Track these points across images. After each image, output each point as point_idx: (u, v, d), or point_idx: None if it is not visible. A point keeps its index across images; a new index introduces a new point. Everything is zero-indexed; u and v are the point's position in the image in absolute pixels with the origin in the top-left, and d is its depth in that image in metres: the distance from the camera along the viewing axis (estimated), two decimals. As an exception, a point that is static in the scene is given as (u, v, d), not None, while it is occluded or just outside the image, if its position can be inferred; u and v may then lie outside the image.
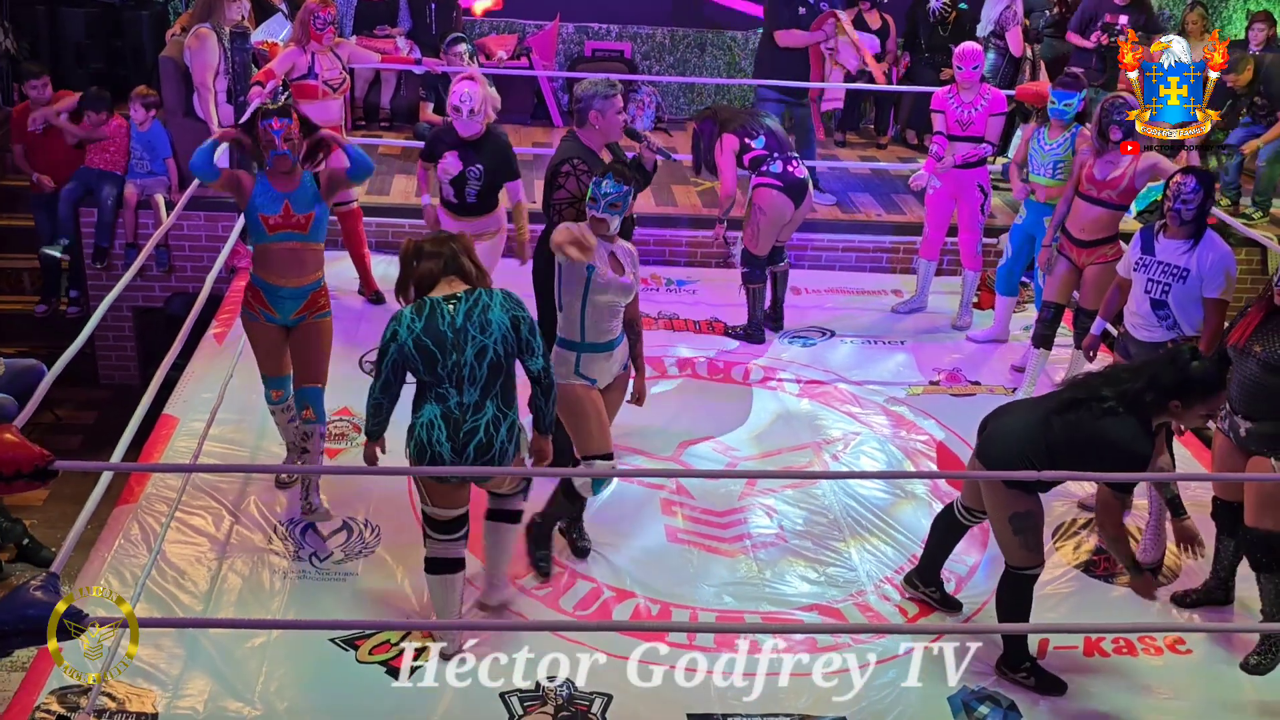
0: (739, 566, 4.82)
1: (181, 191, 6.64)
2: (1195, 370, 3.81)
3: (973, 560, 4.91)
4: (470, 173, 5.71)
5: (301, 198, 4.64)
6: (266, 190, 4.61)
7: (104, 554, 4.56)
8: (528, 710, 3.99)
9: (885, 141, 9.64)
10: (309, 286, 4.74)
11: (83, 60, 9.01)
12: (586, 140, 4.93)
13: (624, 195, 4.33)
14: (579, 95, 4.94)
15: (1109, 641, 4.48)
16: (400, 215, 7.70)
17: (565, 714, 3.99)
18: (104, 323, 6.09)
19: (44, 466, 2.83)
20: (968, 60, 6.61)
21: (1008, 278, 6.67)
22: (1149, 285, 4.88)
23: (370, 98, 9.26)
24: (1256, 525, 4.27)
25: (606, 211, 4.32)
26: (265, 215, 4.60)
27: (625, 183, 4.33)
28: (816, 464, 5.55)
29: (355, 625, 4.29)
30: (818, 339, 6.85)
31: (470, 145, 5.71)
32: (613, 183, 4.31)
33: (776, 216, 6.45)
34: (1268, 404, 4.23)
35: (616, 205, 4.31)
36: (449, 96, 5.65)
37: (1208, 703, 4.26)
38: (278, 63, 6.59)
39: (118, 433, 4.20)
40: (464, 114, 5.58)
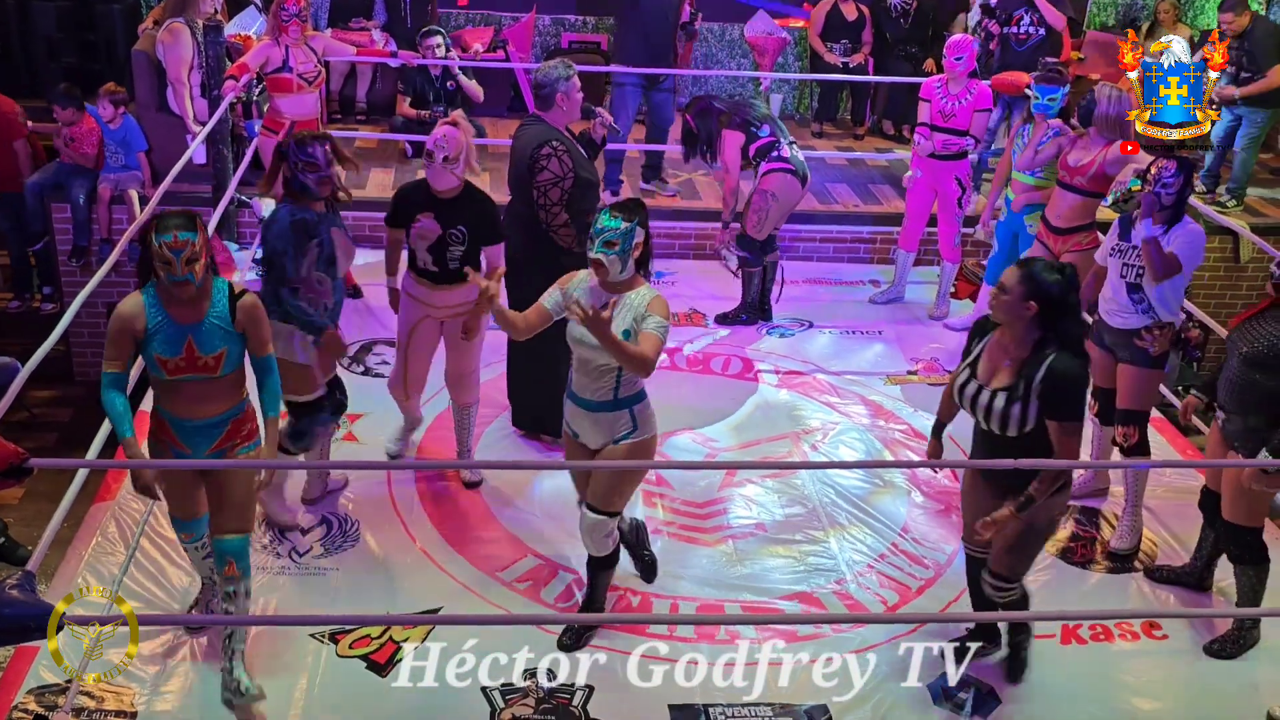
0: (719, 557, 4.83)
1: (155, 186, 6.59)
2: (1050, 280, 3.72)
3: (951, 548, 4.93)
4: (453, 235, 4.79)
5: (209, 334, 3.68)
6: (163, 324, 3.68)
7: (81, 552, 4.53)
8: (509, 703, 4.00)
9: (862, 132, 9.66)
10: (227, 414, 3.83)
11: (54, 54, 8.95)
12: (553, 122, 5.00)
13: (622, 234, 3.87)
14: (542, 80, 4.98)
15: (1085, 629, 4.51)
16: (377, 209, 7.63)
17: (546, 706, 4.00)
18: (79, 319, 6.04)
19: (19, 464, 2.83)
20: (953, 51, 6.60)
21: (995, 270, 6.67)
22: (1124, 270, 4.85)
23: (346, 91, 9.22)
24: (1231, 519, 4.33)
25: (601, 251, 3.87)
26: (162, 357, 3.68)
27: (628, 219, 3.89)
28: (795, 454, 5.57)
29: (335, 620, 4.29)
30: (796, 330, 6.86)
31: (447, 204, 4.78)
32: (608, 218, 3.88)
33: (787, 200, 6.48)
34: (1239, 399, 4.27)
35: (612, 244, 3.85)
36: (426, 143, 4.81)
37: (1183, 687, 4.30)
38: (251, 56, 6.56)
39: (93, 430, 4.18)
40: (437, 160, 4.71)
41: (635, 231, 3.88)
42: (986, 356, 3.89)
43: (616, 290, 3.94)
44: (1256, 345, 4.18)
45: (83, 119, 7.42)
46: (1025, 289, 3.71)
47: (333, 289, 4.52)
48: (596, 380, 3.98)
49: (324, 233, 4.44)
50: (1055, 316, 3.72)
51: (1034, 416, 3.76)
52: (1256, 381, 4.19)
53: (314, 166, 4.37)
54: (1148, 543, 4.99)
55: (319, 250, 4.44)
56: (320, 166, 4.38)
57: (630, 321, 3.89)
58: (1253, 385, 4.20)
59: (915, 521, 5.12)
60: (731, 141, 6.42)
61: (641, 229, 3.91)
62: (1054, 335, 3.74)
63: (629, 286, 3.95)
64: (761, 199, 6.43)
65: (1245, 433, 4.28)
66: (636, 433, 4.06)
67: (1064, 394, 3.73)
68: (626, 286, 3.95)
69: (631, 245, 3.88)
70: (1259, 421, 4.22)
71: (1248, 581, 4.37)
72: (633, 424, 4.04)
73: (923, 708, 4.10)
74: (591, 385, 3.99)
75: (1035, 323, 3.74)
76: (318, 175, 4.39)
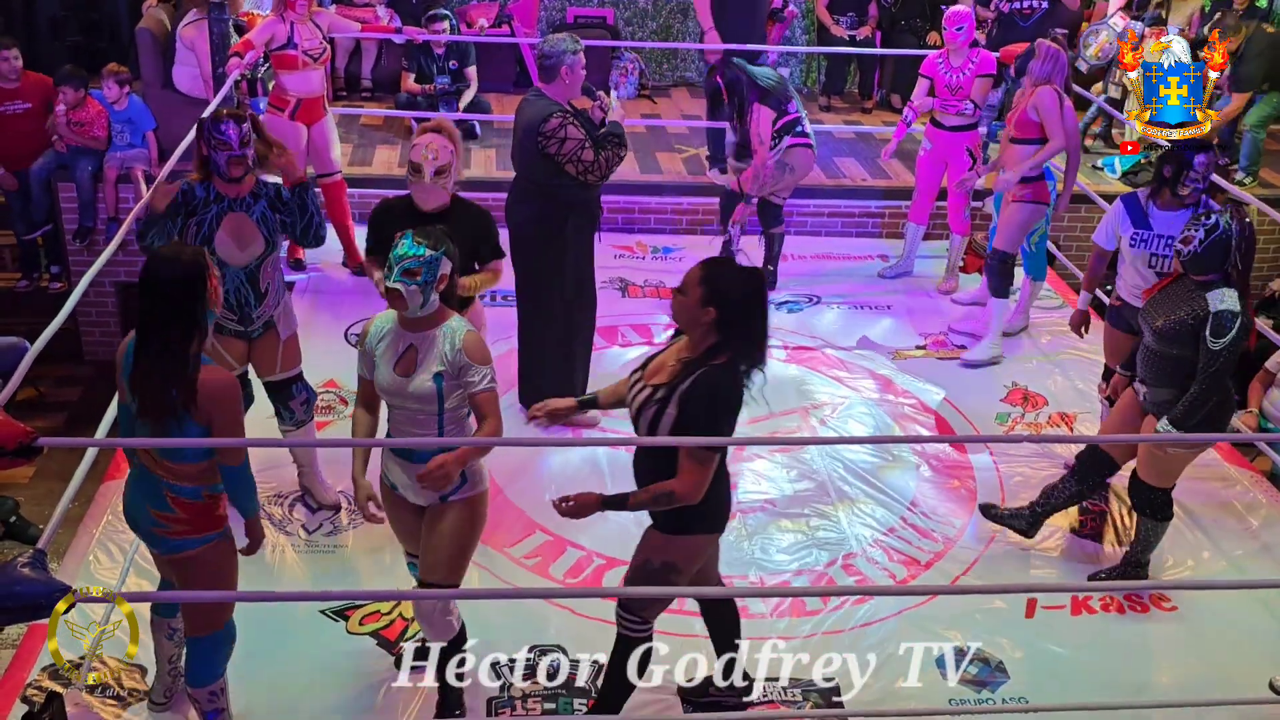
0: (728, 531, 4.82)
1: (162, 165, 6.58)
2: None
3: (960, 522, 4.93)
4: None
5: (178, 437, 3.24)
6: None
7: (92, 530, 4.55)
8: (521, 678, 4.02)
9: (870, 105, 9.60)
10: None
11: (59, 33, 8.92)
12: (555, 96, 4.96)
13: (426, 263, 3.35)
14: (549, 51, 4.93)
15: (1096, 600, 4.52)
16: (383, 186, 7.63)
17: (556, 681, 4.01)
18: (86, 298, 6.07)
19: (27, 444, 2.83)
20: (952, 22, 6.57)
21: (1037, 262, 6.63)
22: (1153, 260, 4.76)
23: (351, 68, 9.18)
24: (1146, 479, 4.47)
25: (400, 280, 3.35)
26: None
27: (432, 246, 3.37)
28: (804, 428, 5.56)
29: (346, 596, 4.30)
30: (804, 304, 6.85)
31: (437, 223, 3.95)
32: (411, 243, 3.38)
33: (801, 173, 6.60)
34: (1155, 371, 4.34)
35: (413, 273, 3.34)
36: (410, 153, 4.31)
37: (1194, 658, 4.31)
38: (256, 33, 6.52)
39: (102, 408, 4.19)
40: (427, 175, 4.24)
41: (441, 261, 3.38)
42: (669, 351, 3.48)
43: (419, 328, 3.45)
44: (1167, 319, 4.23)
45: (86, 102, 7.39)
46: (704, 291, 3.27)
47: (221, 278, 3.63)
48: (417, 428, 3.51)
49: (208, 213, 4.23)
50: (735, 323, 3.27)
51: (668, 427, 3.30)
52: (1168, 354, 4.26)
53: (225, 145, 4.15)
54: (1109, 545, 4.92)
55: (195, 230, 4.23)
56: (232, 145, 4.14)
57: (440, 364, 3.41)
58: (1165, 357, 4.27)
59: (924, 495, 5.12)
60: (764, 118, 6.38)
61: (448, 259, 3.42)
62: (729, 344, 3.28)
63: (433, 322, 3.45)
64: (780, 170, 6.47)
65: (1163, 405, 4.34)
66: (466, 487, 3.56)
67: (701, 412, 3.25)
68: (430, 323, 3.44)
69: (436, 276, 3.38)
70: (1172, 394, 4.29)
71: (1149, 531, 4.53)
72: (461, 477, 3.53)
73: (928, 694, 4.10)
74: (411, 434, 3.53)
75: (713, 328, 3.28)
76: (228, 155, 4.16)
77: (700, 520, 3.48)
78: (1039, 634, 4.32)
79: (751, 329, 3.31)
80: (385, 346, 3.50)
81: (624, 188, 7.63)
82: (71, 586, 2.85)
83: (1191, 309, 4.17)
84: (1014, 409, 5.82)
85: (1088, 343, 5.71)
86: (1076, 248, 8.00)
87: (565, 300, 5.17)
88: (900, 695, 4.05)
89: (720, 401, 3.28)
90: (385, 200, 4.53)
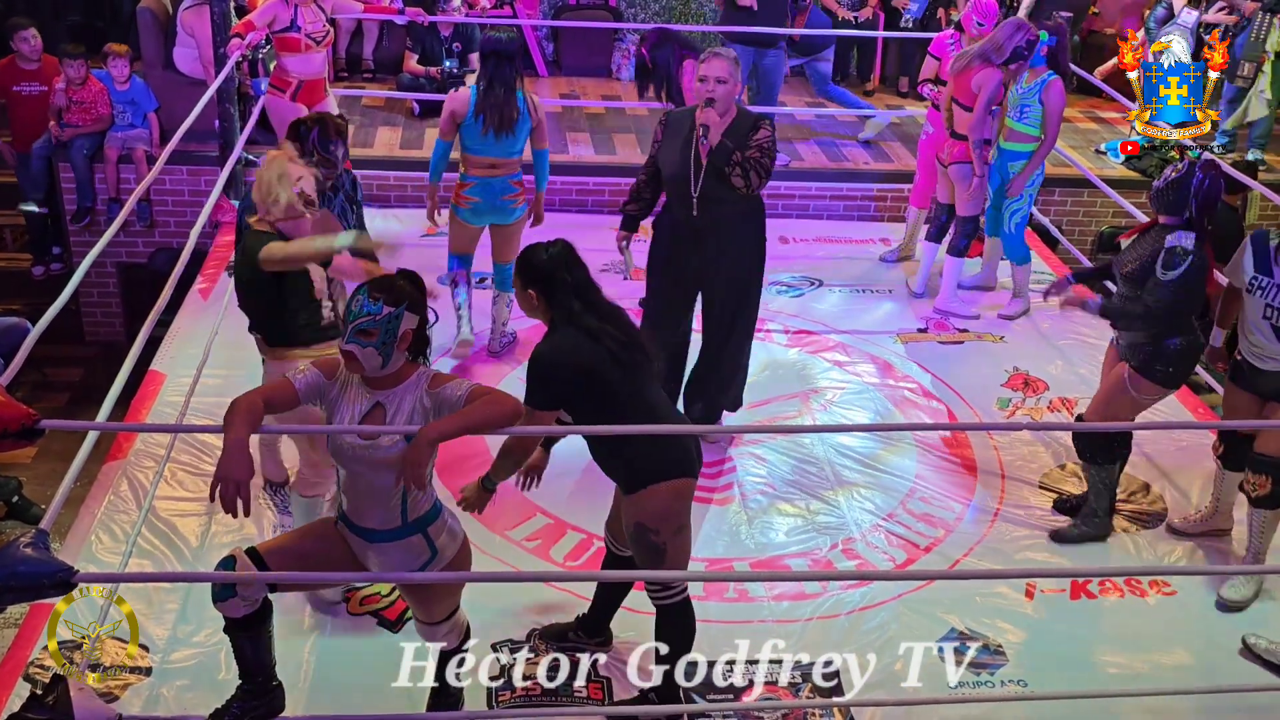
0: (728, 516, 4.85)
1: (163, 145, 6.57)
2: None
3: (959, 508, 4.94)
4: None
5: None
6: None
7: (94, 510, 4.56)
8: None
9: (873, 88, 9.57)
10: None
11: (60, 12, 8.90)
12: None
13: (382, 321, 3.00)
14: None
15: (1095, 584, 4.53)
16: (385, 167, 7.64)
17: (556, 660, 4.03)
18: (88, 279, 6.07)
19: (30, 425, 2.83)
20: (980, 14, 6.37)
21: (990, 222, 6.63)
22: (1267, 310, 4.28)
23: (352, 49, 9.16)
24: (1087, 417, 4.67)
25: (354, 341, 3.01)
26: None
27: (391, 301, 3.02)
28: (805, 414, 5.57)
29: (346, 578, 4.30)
30: (806, 288, 6.84)
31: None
32: (366, 299, 3.02)
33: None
34: (1125, 316, 4.45)
35: (369, 334, 2.99)
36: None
37: (1193, 640, 4.31)
38: (258, 14, 6.50)
39: (104, 389, 4.19)
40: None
41: (403, 317, 3.03)
42: None
43: (382, 386, 3.11)
44: (1134, 264, 4.37)
45: (90, 83, 7.38)
46: (522, 279, 3.51)
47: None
48: (376, 504, 3.17)
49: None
50: (554, 291, 3.47)
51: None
52: (1137, 298, 4.35)
53: (330, 164, 4.42)
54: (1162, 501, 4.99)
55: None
56: (336, 166, 4.47)
57: (417, 420, 3.07)
58: (1134, 301, 4.37)
59: (924, 480, 5.13)
60: (690, 70, 6.20)
61: (412, 314, 3.06)
62: (560, 309, 3.48)
63: (397, 380, 3.11)
64: None
65: (1135, 347, 4.46)
66: (437, 560, 3.30)
67: (530, 371, 3.46)
68: (394, 380, 3.11)
69: (396, 335, 3.03)
70: (1142, 337, 4.41)
71: (1096, 480, 4.65)
72: (430, 550, 3.27)
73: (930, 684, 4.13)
74: (369, 510, 3.20)
75: (544, 306, 3.50)
76: (327, 171, 4.41)
77: (650, 472, 3.54)
78: (1038, 617, 4.34)
79: (565, 284, 3.46)
80: (344, 400, 3.12)
81: (590, 169, 7.77)
82: (74, 567, 2.86)
83: (1153, 249, 4.31)
84: (1015, 394, 5.83)
85: (1089, 328, 5.70)
86: (1079, 232, 8.00)
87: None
88: (901, 691, 4.04)
89: (543, 363, 3.44)
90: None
